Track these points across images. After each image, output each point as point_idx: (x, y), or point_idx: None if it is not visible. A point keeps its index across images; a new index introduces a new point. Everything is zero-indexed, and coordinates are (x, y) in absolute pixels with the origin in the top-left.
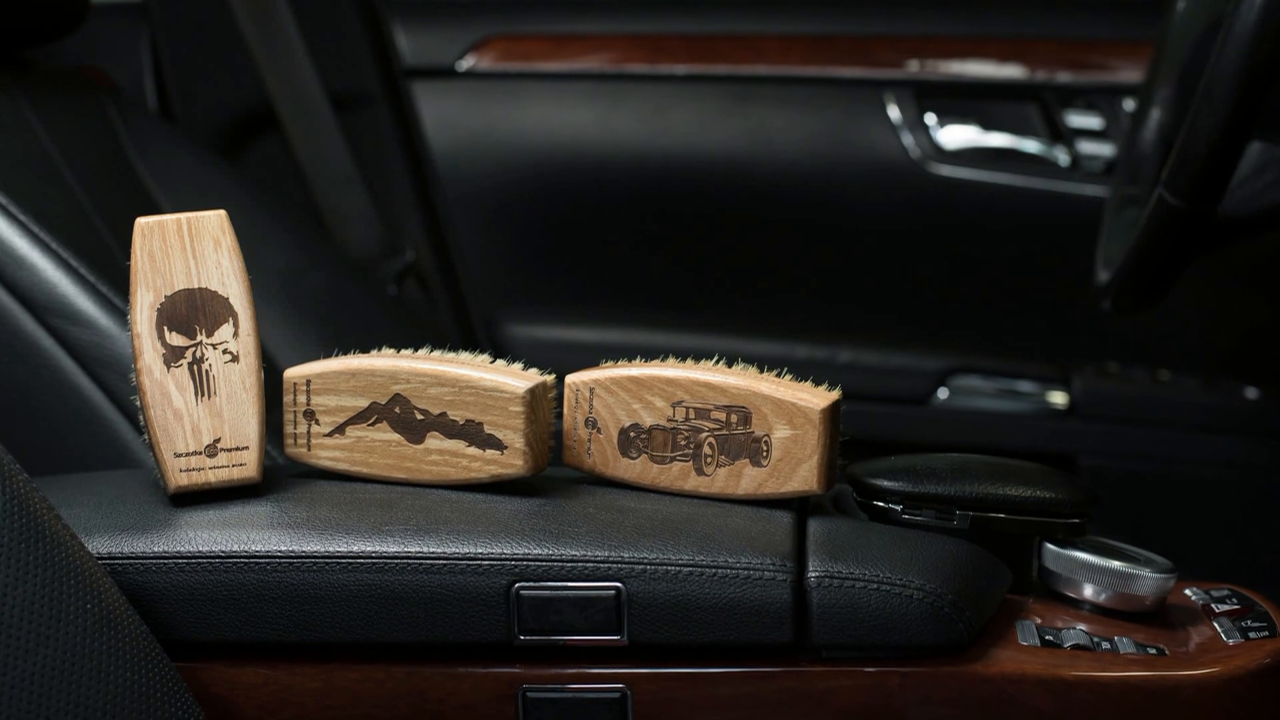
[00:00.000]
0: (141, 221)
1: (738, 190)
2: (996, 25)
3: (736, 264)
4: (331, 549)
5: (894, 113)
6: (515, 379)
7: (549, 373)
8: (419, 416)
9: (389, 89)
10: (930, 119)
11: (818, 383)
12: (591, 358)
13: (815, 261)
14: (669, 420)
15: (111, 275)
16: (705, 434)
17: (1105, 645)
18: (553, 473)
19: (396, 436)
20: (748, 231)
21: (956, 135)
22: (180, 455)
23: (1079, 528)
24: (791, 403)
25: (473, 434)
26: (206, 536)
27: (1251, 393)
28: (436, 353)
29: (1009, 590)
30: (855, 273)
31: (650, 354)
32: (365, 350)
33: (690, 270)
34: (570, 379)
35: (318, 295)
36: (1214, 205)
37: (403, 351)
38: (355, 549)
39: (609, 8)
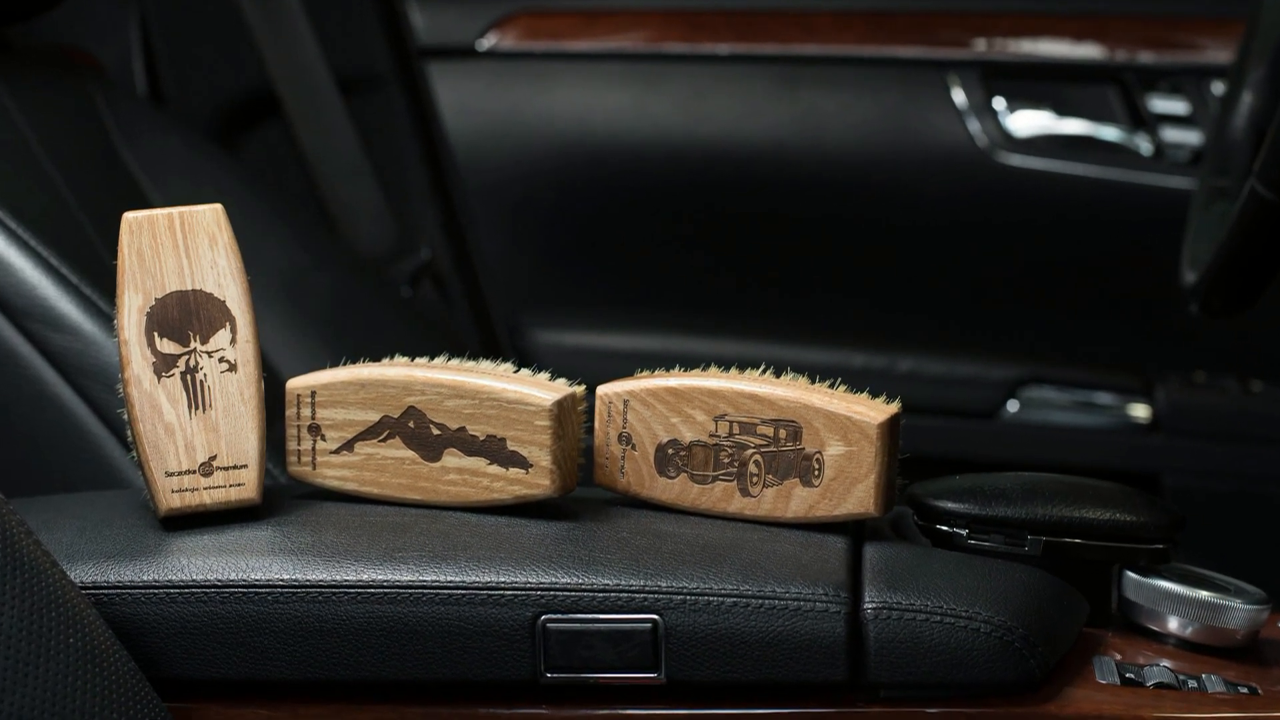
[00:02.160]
0: (129, 216)
1: (786, 182)
2: (1072, 0)
3: (784, 263)
4: (339, 578)
5: (959, 97)
6: (541, 390)
7: (578, 383)
8: (435, 432)
9: (402, 70)
10: (999, 103)
11: (875, 394)
12: (625, 367)
13: (872, 261)
14: (711, 436)
15: (96, 276)
16: (751, 451)
17: (1192, 684)
18: (582, 494)
19: (410, 454)
20: (797, 228)
21: (1028, 121)
22: (172, 474)
23: (1163, 554)
24: (846, 416)
25: (494, 451)
26: (201, 564)
27: None
28: (454, 361)
29: (1086, 623)
30: (916, 273)
31: (690, 362)
32: (376, 358)
33: (733, 270)
34: (602, 390)
35: (323, 298)
36: None
37: (417, 360)
38: (365, 578)
39: None
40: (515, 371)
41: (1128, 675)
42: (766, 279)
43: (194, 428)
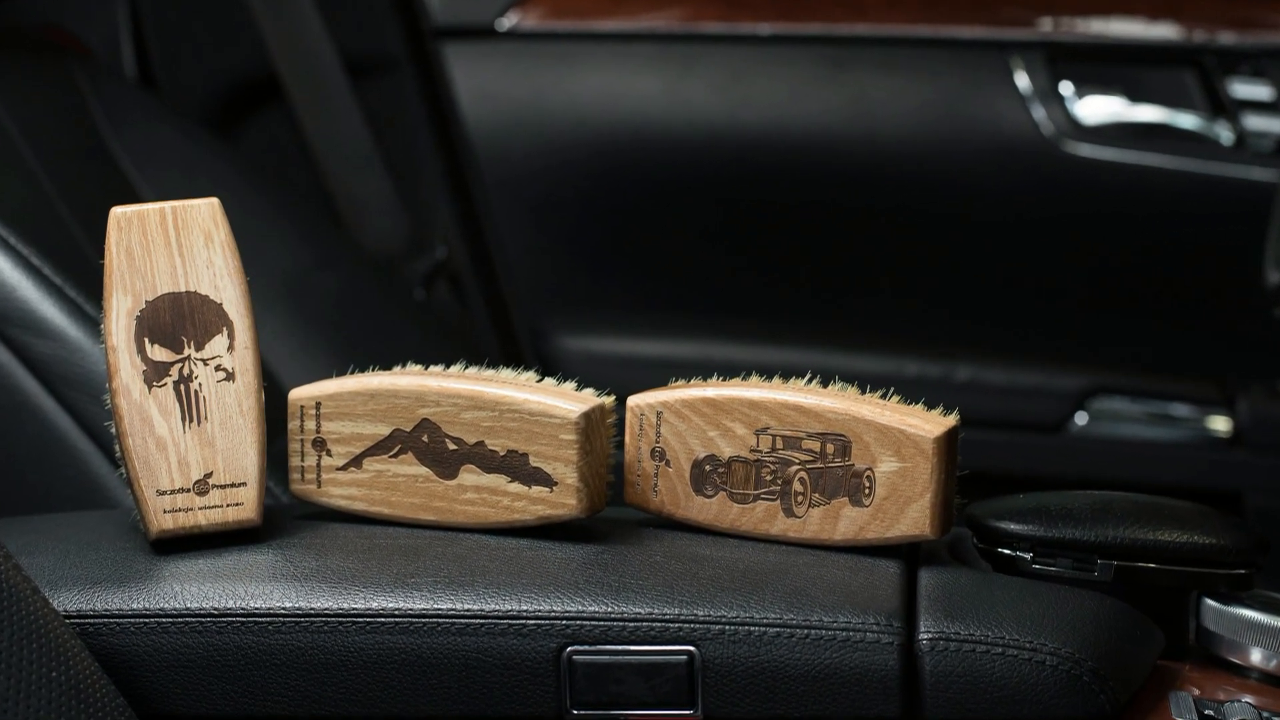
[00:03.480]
0: (118, 211)
1: (833, 174)
2: None
3: (832, 263)
4: (346, 606)
5: (1022, 81)
6: (567, 401)
7: (607, 393)
8: (451, 447)
9: (415, 52)
10: (1066, 88)
11: (931, 406)
12: (658, 376)
13: (927, 260)
14: (752, 451)
15: (81, 277)
16: (796, 468)
17: None
18: (611, 514)
19: (424, 470)
20: (846, 224)
21: (1097, 108)
22: (164, 493)
23: (1245, 580)
24: (899, 430)
25: (516, 468)
26: (196, 590)
27: None
28: (472, 370)
29: (1161, 655)
30: (975, 273)
31: (729, 371)
32: (386, 366)
33: (776, 270)
34: (633, 401)
35: (329, 300)
36: None
37: (431, 368)
38: (375, 606)
39: None
40: (538, 381)
41: (1207, 713)
42: (812, 280)
43: (188, 442)
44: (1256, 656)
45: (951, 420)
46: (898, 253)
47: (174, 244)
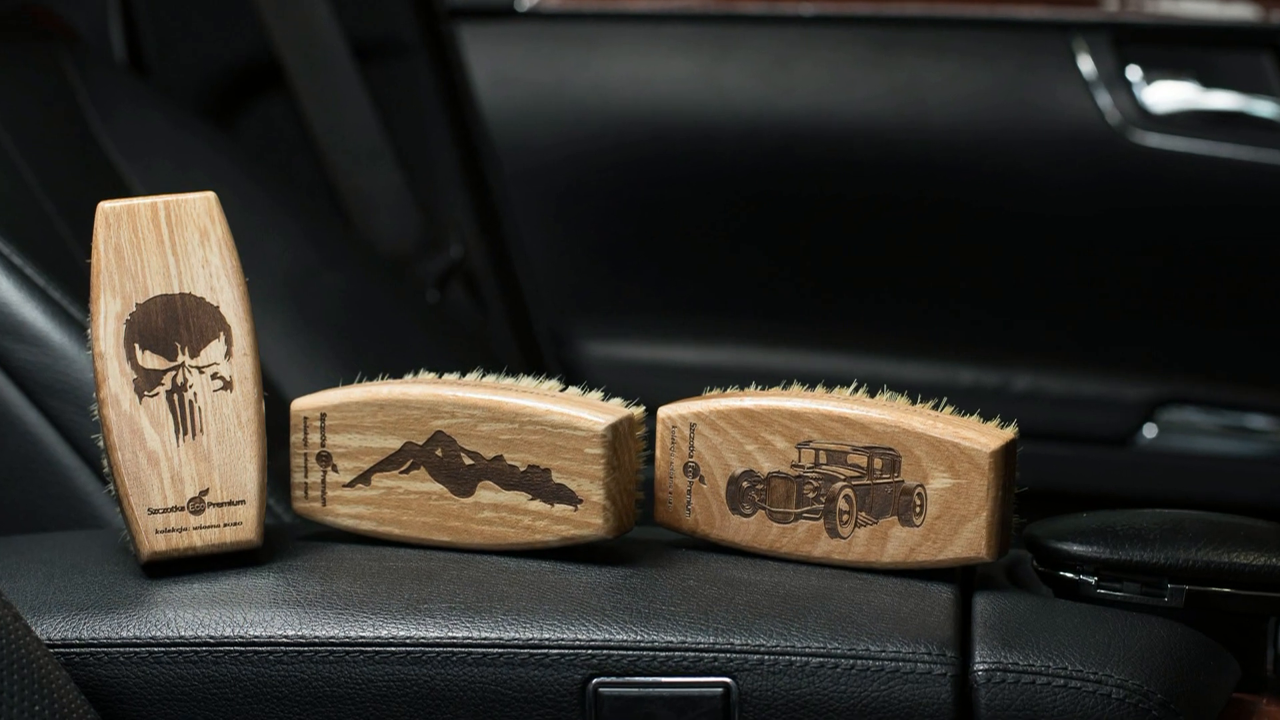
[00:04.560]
0: (106, 207)
1: (882, 167)
2: None
3: (879, 262)
4: (353, 634)
5: (1086, 65)
6: (592, 412)
7: (636, 404)
8: (467, 462)
9: (428, 34)
10: (1133, 73)
11: (987, 417)
12: (691, 384)
13: (983, 259)
14: (793, 466)
15: (66, 277)
16: (840, 484)
17: None
18: (640, 534)
19: (438, 487)
20: (895, 220)
21: (1167, 94)
22: (156, 512)
23: None
24: (953, 443)
25: (537, 484)
26: (190, 617)
27: None
28: (490, 378)
29: (1236, 687)
30: (1035, 274)
31: (768, 379)
32: (397, 374)
33: (819, 270)
34: (664, 412)
35: (335, 302)
36: None
37: (446, 377)
38: (384, 634)
39: None
40: (562, 390)
41: None
42: (858, 280)
43: (182, 457)
44: None
45: (1009, 433)
46: (950, 251)
47: (167, 242)
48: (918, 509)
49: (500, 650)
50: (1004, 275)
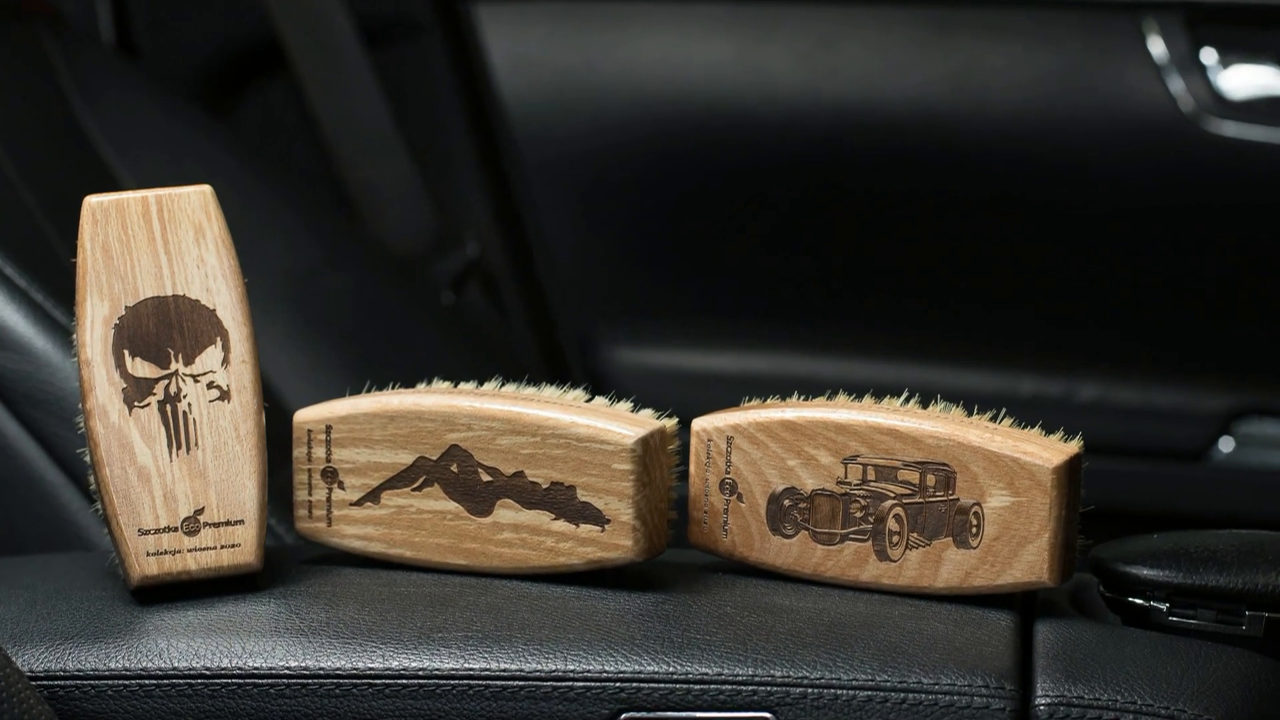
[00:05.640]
0: (93, 201)
1: (935, 158)
2: None
3: (933, 261)
4: (361, 665)
5: (1157, 47)
6: (621, 425)
7: (668, 415)
8: (485, 478)
9: (442, 13)
10: (1208, 56)
11: (1049, 430)
12: (728, 394)
13: (1045, 258)
14: (839, 483)
15: (50, 277)
16: (890, 503)
17: None
18: (673, 557)
19: (453, 506)
20: (949, 215)
21: (1245, 79)
22: (147, 533)
23: None
24: (1013, 458)
25: (561, 503)
26: (184, 647)
27: None
28: (510, 387)
29: None
30: (1101, 273)
31: (812, 389)
32: (409, 383)
33: (867, 270)
34: (699, 424)
35: (341, 305)
36: None
37: (462, 386)
38: (395, 665)
39: None
40: (587, 400)
41: None
42: (909, 281)
43: (175, 473)
44: None
45: (1073, 447)
46: (1009, 250)
47: (159, 239)
48: (974, 529)
49: (521, 683)
50: (1067, 276)
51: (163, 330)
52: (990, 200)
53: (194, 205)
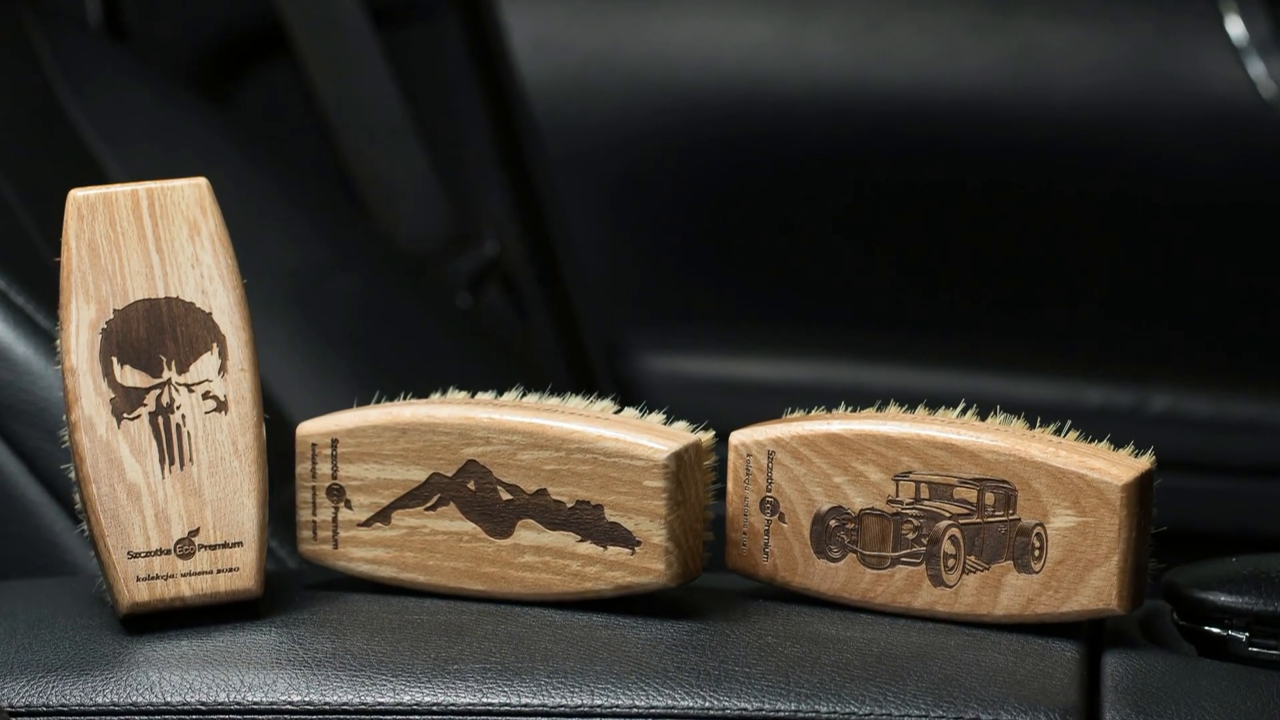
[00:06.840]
0: (78, 195)
1: (993, 149)
2: None
3: (991, 260)
4: (370, 699)
5: (1235, 28)
6: (652, 438)
7: (704, 428)
8: (505, 496)
9: None
10: None
11: (1119, 444)
12: (769, 405)
13: (1113, 256)
14: (889, 502)
15: (31, 278)
16: (945, 523)
17: None
18: (708, 582)
19: (470, 527)
20: (1008, 211)
21: None
22: (138, 556)
23: None
24: (1079, 475)
25: (588, 523)
26: (178, 680)
27: None
28: (531, 398)
29: None
30: (1176, 273)
31: (860, 399)
32: (421, 393)
33: (919, 270)
34: (737, 438)
35: (349, 308)
36: None
37: (479, 396)
38: (407, 700)
39: None
40: (616, 412)
41: None
42: (965, 283)
43: (168, 491)
44: None
45: (1145, 462)
46: (1075, 248)
47: (150, 236)
48: (1037, 552)
49: (544, 718)
50: (1137, 276)
51: (154, 336)
52: (1053, 195)
53: (188, 199)
